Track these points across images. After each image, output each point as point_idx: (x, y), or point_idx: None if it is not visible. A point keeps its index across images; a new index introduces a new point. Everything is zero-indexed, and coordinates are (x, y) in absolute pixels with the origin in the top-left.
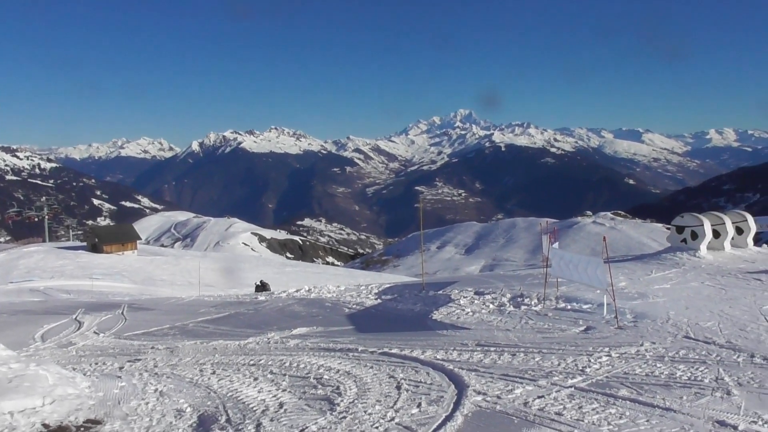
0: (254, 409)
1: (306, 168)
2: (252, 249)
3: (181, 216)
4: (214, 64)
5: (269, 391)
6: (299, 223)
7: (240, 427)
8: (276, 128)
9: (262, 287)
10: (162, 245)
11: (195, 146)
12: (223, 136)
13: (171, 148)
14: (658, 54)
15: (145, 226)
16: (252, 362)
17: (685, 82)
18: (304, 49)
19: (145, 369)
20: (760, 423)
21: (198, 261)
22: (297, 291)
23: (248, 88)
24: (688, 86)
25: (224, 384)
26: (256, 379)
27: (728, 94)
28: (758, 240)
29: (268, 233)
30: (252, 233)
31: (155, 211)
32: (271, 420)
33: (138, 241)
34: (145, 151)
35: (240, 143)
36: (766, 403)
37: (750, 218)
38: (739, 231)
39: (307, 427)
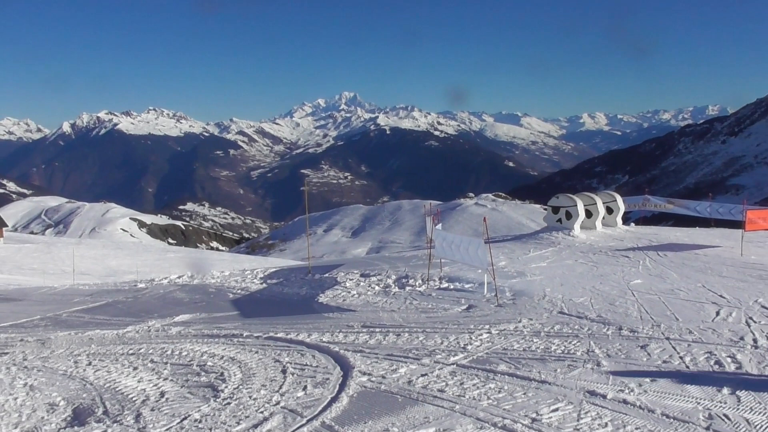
0: (134, 399)
1: (187, 151)
2: (131, 235)
3: (52, 201)
4: (85, 40)
5: (150, 380)
6: (181, 207)
7: (118, 419)
8: (155, 109)
9: None
10: (32, 232)
11: (66, 127)
12: (97, 117)
13: (39, 130)
14: (534, 41)
15: (11, 213)
16: (131, 351)
17: (560, 68)
18: (184, 27)
19: (13, 363)
20: (627, 391)
21: (72, 248)
22: (179, 277)
23: (124, 67)
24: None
25: (101, 375)
26: (135, 368)
27: (599, 80)
28: (626, 219)
29: (149, 218)
30: (131, 218)
31: (23, 196)
32: (152, 410)
33: (4, 229)
34: (10, 132)
35: (116, 125)
36: (633, 373)
37: (619, 198)
38: (609, 211)
39: (189, 415)
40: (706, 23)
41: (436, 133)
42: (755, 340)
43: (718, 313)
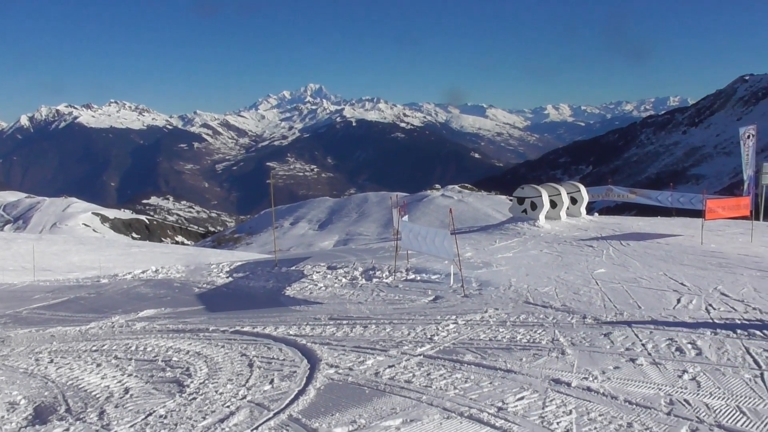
0: (97, 396)
1: (150, 144)
2: (94, 230)
3: (10, 196)
4: (43, 31)
5: (114, 376)
6: (145, 201)
7: (81, 416)
8: (116, 102)
9: None
10: None
11: (24, 121)
12: (57, 111)
13: None
14: (500, 34)
15: None
16: (94, 348)
17: (525, 60)
18: (146, 18)
19: None
20: (591, 379)
21: (32, 244)
22: (143, 272)
23: (84, 60)
24: (528, 64)
25: (63, 372)
26: (99, 365)
27: (563, 72)
28: (590, 209)
29: (111, 213)
30: (93, 213)
31: None
32: (116, 406)
33: None
34: None
35: (76, 118)
36: (596, 361)
37: (583, 189)
38: (574, 201)
39: (154, 411)
40: (668, 16)
41: (402, 125)
42: (715, 327)
43: (678, 301)
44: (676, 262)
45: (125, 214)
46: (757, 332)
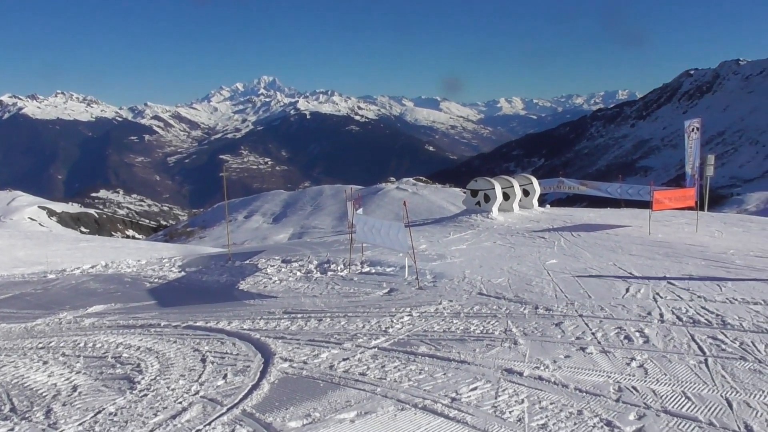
0: (44, 394)
1: (99, 136)
2: (40, 224)
3: None
4: None
5: (61, 374)
6: (94, 195)
7: (27, 415)
8: (63, 93)
9: None
10: None
11: None
12: (0, 101)
13: None
14: (453, 27)
15: None
16: (41, 345)
17: (478, 54)
18: (92, 7)
19: None
20: (542, 368)
21: None
22: (92, 267)
23: (28, 49)
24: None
25: (8, 371)
26: (45, 362)
27: (515, 65)
28: (542, 201)
29: (59, 207)
30: (39, 207)
31: None
32: (64, 405)
33: None
34: None
35: (21, 109)
36: (548, 350)
37: (535, 181)
38: (526, 193)
39: (104, 409)
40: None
41: (357, 117)
42: (661, 315)
43: (627, 290)
44: (624, 252)
45: (73, 208)
46: (702, 320)
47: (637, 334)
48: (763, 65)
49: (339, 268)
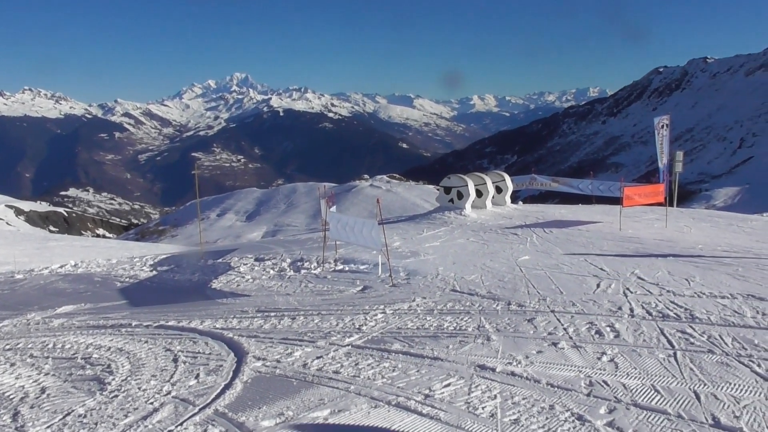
0: (11, 397)
1: (68, 134)
2: (7, 223)
3: None
4: None
5: (29, 376)
6: (63, 193)
7: None
8: (30, 90)
9: None
10: None
11: None
12: None
13: None
14: (425, 24)
15: None
16: (8, 347)
17: (451, 51)
18: (60, 1)
19: None
20: (515, 363)
21: None
22: (61, 267)
23: None
24: (454, 54)
25: None
26: (13, 364)
27: (488, 63)
28: (515, 198)
29: (27, 205)
30: (6, 205)
31: None
32: (32, 407)
33: None
34: None
35: None
36: (520, 346)
37: (507, 178)
38: (499, 190)
39: (73, 411)
40: (586, 10)
41: (330, 114)
42: (632, 310)
43: (598, 286)
44: (596, 248)
45: (42, 207)
46: (671, 314)
47: (608, 328)
48: (729, 63)
49: (312, 266)
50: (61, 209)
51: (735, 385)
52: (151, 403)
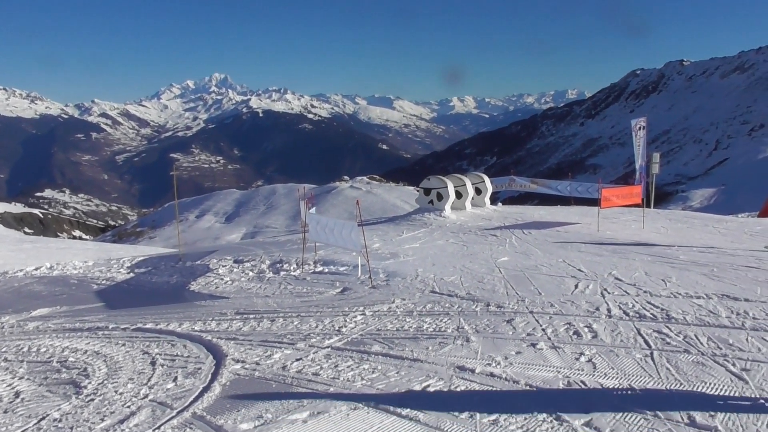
0: None
1: (44, 134)
2: None
3: None
4: None
5: (3, 380)
6: (39, 194)
7: None
8: (5, 89)
9: None
10: None
11: None
12: None
13: None
14: (405, 25)
15: None
16: None
17: (430, 53)
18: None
19: None
20: (494, 364)
21: None
22: (37, 269)
23: None
24: (433, 56)
25: None
26: None
27: (468, 64)
28: (494, 199)
29: (1, 207)
30: None
31: None
32: (5, 412)
33: None
34: None
35: None
36: (499, 347)
37: (487, 179)
38: (478, 191)
39: (48, 415)
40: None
41: (310, 116)
42: (609, 310)
43: (576, 286)
44: (574, 249)
45: (16, 208)
46: (648, 314)
47: (586, 329)
48: (705, 66)
49: (292, 268)
50: (36, 211)
51: (710, 384)
52: (128, 407)
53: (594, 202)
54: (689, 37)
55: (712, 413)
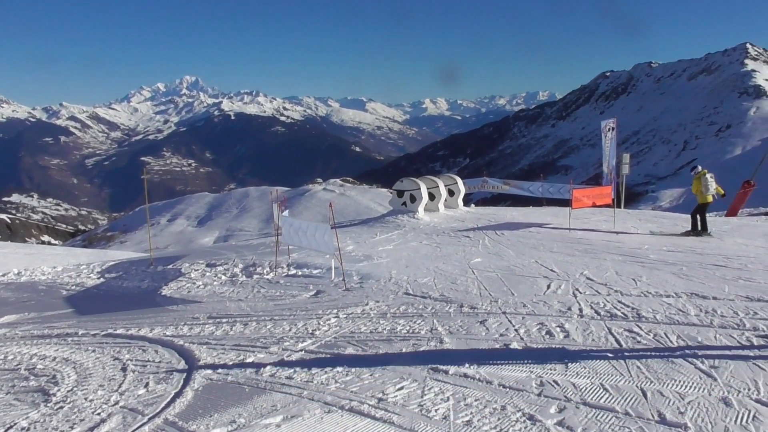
0: None
1: (11, 138)
2: None
3: None
4: None
5: None
6: (6, 199)
7: None
8: None
9: None
10: None
11: None
12: None
13: None
14: (377, 27)
15: None
16: None
17: (403, 55)
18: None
19: None
20: (467, 365)
21: None
22: (4, 275)
23: None
24: (406, 59)
25: None
26: None
27: (440, 66)
28: (467, 201)
29: None
30: None
31: None
32: None
33: None
34: None
35: None
36: (472, 347)
37: (460, 181)
38: (451, 193)
39: (15, 423)
40: (534, 15)
41: (282, 118)
42: (581, 310)
43: (548, 287)
44: (546, 249)
45: None
46: (618, 313)
47: (558, 329)
48: (673, 68)
49: (265, 271)
50: (3, 216)
51: (680, 381)
52: (99, 414)
53: (565, 202)
54: (657, 39)
55: (682, 410)
